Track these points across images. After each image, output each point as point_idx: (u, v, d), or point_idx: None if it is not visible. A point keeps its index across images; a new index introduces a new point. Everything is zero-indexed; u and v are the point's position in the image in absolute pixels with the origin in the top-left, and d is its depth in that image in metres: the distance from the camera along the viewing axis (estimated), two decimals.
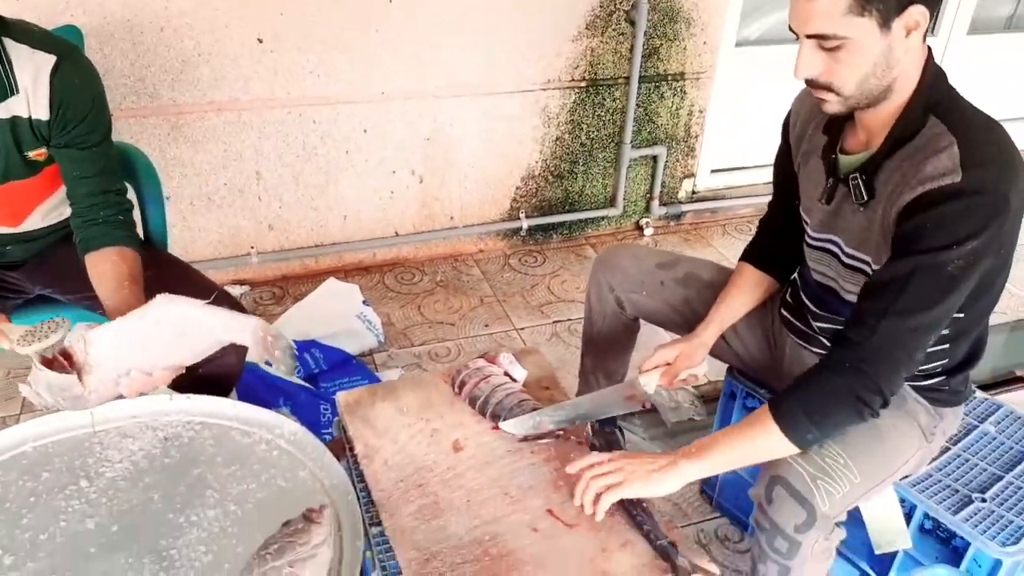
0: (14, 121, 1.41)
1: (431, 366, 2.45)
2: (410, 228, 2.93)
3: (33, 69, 1.38)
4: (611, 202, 3.18)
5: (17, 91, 1.38)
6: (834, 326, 1.46)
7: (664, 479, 1.28)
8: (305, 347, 2.33)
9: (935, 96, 1.23)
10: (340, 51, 2.53)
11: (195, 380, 1.66)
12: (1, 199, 1.50)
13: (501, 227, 3.04)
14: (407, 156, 2.79)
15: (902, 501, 1.53)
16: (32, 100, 1.40)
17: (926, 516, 1.55)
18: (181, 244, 2.64)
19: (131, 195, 1.67)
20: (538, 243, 3.15)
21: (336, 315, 2.48)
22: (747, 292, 1.64)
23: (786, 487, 1.30)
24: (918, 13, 1.15)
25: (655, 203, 3.24)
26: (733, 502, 1.95)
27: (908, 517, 1.55)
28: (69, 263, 1.65)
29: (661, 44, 2.91)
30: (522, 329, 2.66)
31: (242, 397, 1.98)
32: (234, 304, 1.66)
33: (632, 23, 2.81)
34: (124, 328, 1.38)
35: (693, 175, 3.29)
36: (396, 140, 2.74)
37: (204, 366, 1.64)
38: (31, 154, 1.46)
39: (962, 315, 1.34)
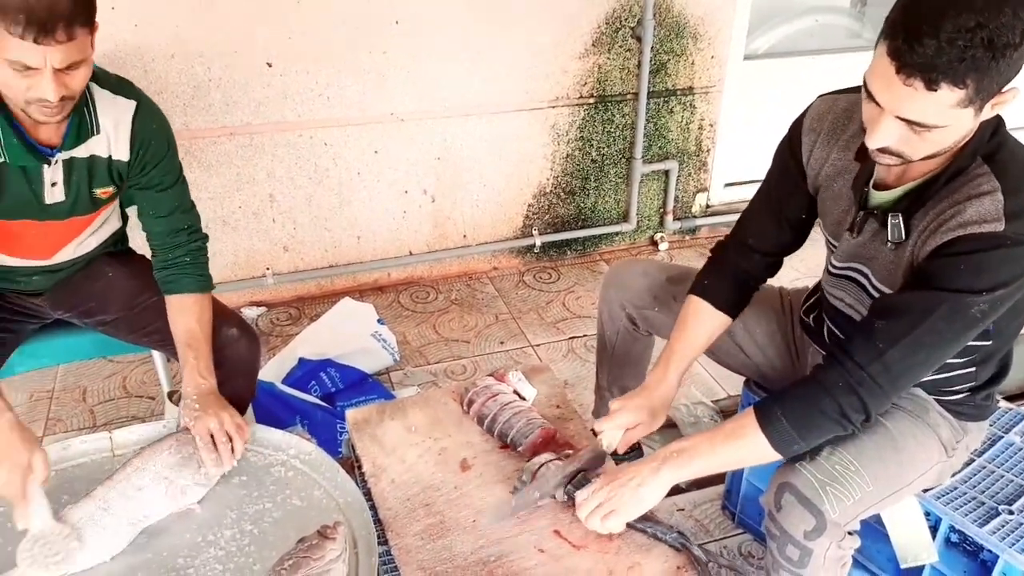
0: (92, 160, 1.46)
1: (447, 384, 2.44)
2: (423, 247, 2.94)
3: (115, 113, 1.44)
4: (624, 217, 3.18)
5: (98, 132, 1.44)
6: None
7: (650, 490, 1.29)
8: (321, 367, 2.34)
9: (984, 137, 1.19)
10: (349, 73, 2.55)
11: None
12: (45, 234, 1.54)
13: (514, 244, 3.05)
14: (418, 176, 2.80)
15: (927, 514, 1.50)
16: (113, 142, 1.46)
17: (952, 529, 1.52)
18: None
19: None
20: (552, 260, 3.15)
21: (352, 334, 2.48)
22: (702, 333, 1.52)
23: (795, 493, 1.29)
24: (1010, 94, 1.10)
25: (669, 218, 3.24)
26: (755, 518, 1.92)
27: (933, 530, 1.52)
28: (89, 291, 1.67)
29: (668, 59, 2.92)
30: (538, 346, 2.65)
31: (259, 416, 1.99)
32: (244, 327, 1.66)
33: (638, 39, 2.82)
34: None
35: (706, 189, 3.29)
36: (407, 160, 2.76)
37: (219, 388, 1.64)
38: (98, 191, 1.51)
39: (989, 342, 1.32)
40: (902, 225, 1.24)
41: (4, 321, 1.61)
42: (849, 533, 1.33)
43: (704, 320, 1.52)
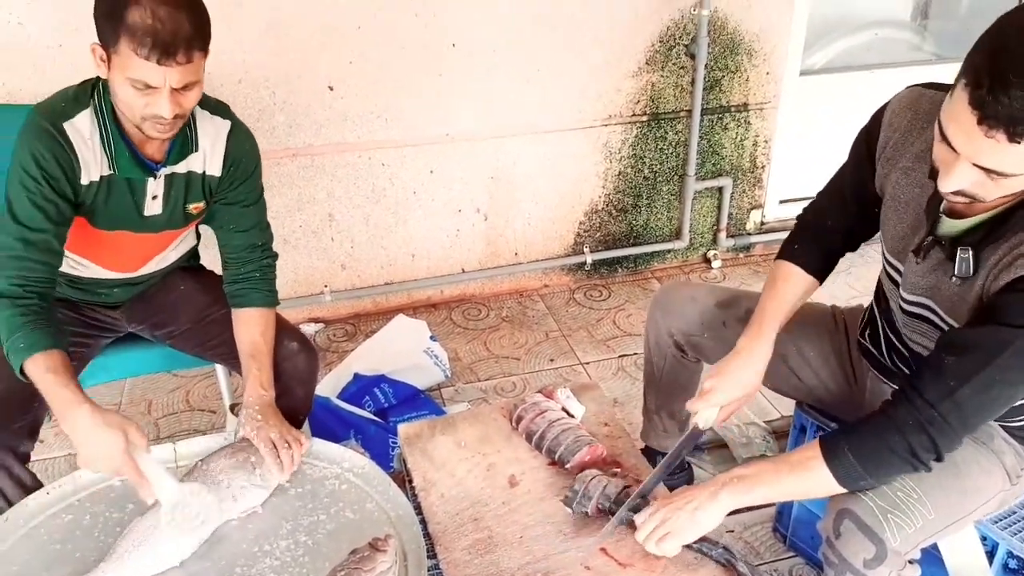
0: (189, 175, 1.57)
1: (496, 400, 2.46)
2: (476, 265, 2.99)
3: (213, 131, 1.55)
4: (676, 235, 3.17)
5: (197, 149, 1.54)
6: None
7: (707, 514, 1.29)
8: (375, 382, 2.39)
9: None
10: (405, 95, 2.62)
11: None
12: (135, 246, 1.64)
13: (565, 262, 3.07)
14: (472, 195, 2.85)
15: (984, 539, 1.47)
16: (209, 158, 1.56)
17: (1010, 555, 1.48)
18: None
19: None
20: (603, 277, 3.16)
21: (405, 351, 2.53)
22: (791, 293, 1.51)
23: (854, 521, 1.27)
24: None
25: (722, 235, 3.21)
26: (808, 541, 1.89)
27: (990, 555, 1.48)
28: (162, 303, 1.77)
29: (723, 76, 2.92)
30: (587, 363, 2.66)
31: (315, 430, 2.05)
32: (304, 341, 1.72)
33: (692, 56, 2.82)
34: None
35: (761, 206, 3.25)
36: (461, 180, 2.81)
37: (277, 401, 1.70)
38: (191, 206, 1.61)
39: None
40: (971, 260, 1.20)
41: (81, 335, 1.70)
42: (909, 562, 1.30)
43: (795, 281, 1.52)
